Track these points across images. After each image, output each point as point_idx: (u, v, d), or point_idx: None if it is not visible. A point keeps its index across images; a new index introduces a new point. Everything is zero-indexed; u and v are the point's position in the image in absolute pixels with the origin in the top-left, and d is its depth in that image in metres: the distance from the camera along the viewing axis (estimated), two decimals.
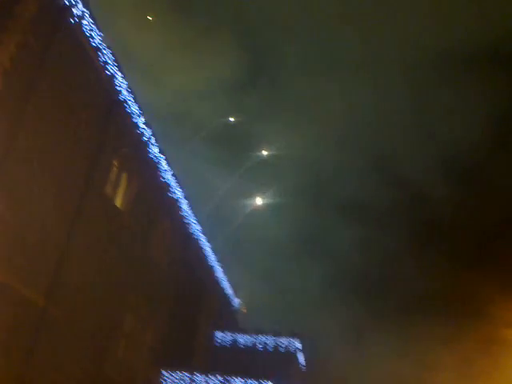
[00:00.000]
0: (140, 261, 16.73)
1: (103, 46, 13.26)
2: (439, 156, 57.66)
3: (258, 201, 38.11)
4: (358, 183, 55.01)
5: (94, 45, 12.91)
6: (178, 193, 18.57)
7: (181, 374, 17.34)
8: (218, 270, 24.21)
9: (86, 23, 12.50)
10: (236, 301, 27.95)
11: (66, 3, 11.86)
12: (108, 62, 13.54)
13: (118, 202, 15.41)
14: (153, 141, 16.21)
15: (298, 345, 24.44)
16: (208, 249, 22.40)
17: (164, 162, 17.13)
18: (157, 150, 16.51)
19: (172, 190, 18.18)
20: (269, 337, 24.32)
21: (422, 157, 56.27)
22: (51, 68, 11.76)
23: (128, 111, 14.82)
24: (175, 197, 18.51)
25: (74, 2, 12.01)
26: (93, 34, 12.80)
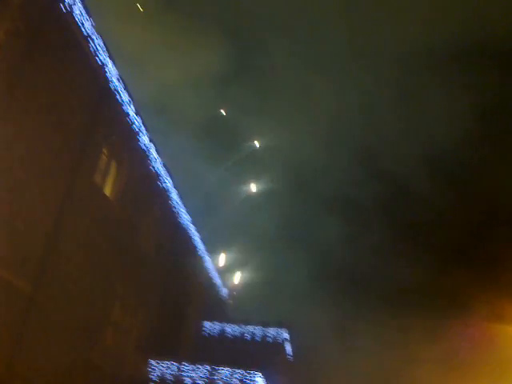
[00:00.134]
0: (129, 249, 16.75)
1: (94, 33, 13.18)
2: (425, 152, 58.12)
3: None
4: (344, 178, 55.28)
5: (84, 33, 12.82)
6: (168, 182, 18.57)
7: (168, 363, 17.41)
8: (207, 260, 24.28)
9: (77, 11, 12.41)
10: (224, 291, 28.08)
11: None
12: (99, 50, 13.47)
13: (107, 191, 15.39)
14: (143, 130, 16.18)
15: (286, 335, 24.61)
16: (197, 239, 22.45)
17: (154, 151, 17.11)
18: (147, 139, 16.49)
19: (162, 180, 18.17)
20: (257, 327, 24.46)
21: (408, 152, 56.65)
22: (41, 55, 11.68)
23: (118, 100, 14.76)
24: (165, 186, 18.51)
25: None
26: (84, 22, 12.71)
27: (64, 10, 12.02)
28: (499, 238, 46.42)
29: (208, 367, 17.24)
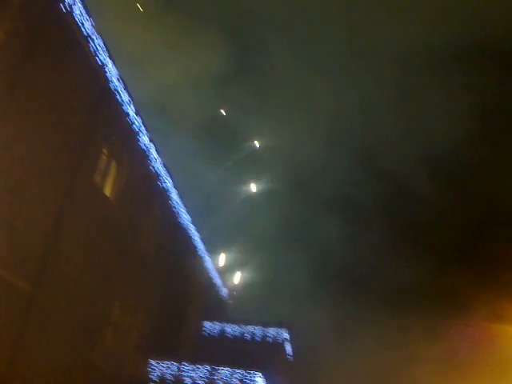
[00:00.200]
0: (128, 249, 16.75)
1: (94, 33, 13.18)
2: (425, 152, 58.09)
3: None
4: (344, 178, 55.28)
5: (84, 33, 12.82)
6: (168, 182, 18.57)
7: (168, 363, 17.41)
8: (207, 260, 24.28)
9: (77, 11, 12.42)
10: (224, 291, 28.08)
11: None
12: (99, 50, 13.47)
13: (107, 191, 15.39)
14: (143, 130, 16.19)
15: (286, 335, 24.60)
16: (197, 239, 22.45)
17: (154, 151, 17.11)
18: (147, 139, 16.49)
19: (162, 180, 18.18)
20: (257, 327, 24.45)
21: (408, 152, 56.63)
22: (41, 55, 11.68)
23: (118, 100, 14.76)
24: (165, 186, 18.51)
25: None
26: (84, 22, 12.71)
27: (64, 10, 12.02)
28: (499, 238, 46.43)
29: (208, 367, 17.24)
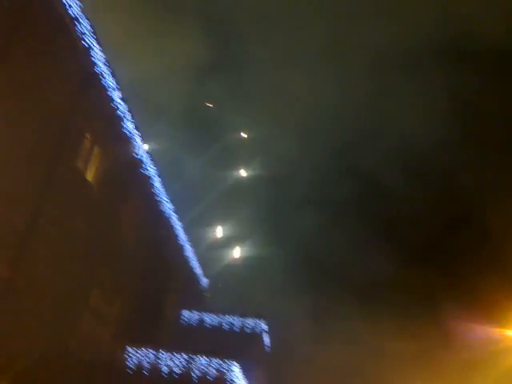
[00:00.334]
0: (109, 236, 16.65)
1: (81, 16, 12.98)
2: (399, 150, 58.44)
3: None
4: (318, 173, 55.28)
5: (71, 15, 12.62)
6: (151, 170, 18.45)
7: (146, 350, 17.35)
8: (188, 250, 24.22)
9: None
10: (204, 280, 28.08)
11: None
12: (85, 33, 13.27)
13: (89, 176, 15.24)
14: (128, 116, 16.02)
15: (264, 326, 24.70)
16: (179, 228, 22.37)
17: (138, 138, 16.96)
18: (131, 125, 16.33)
19: (145, 167, 18.04)
20: (235, 317, 24.50)
21: (383, 150, 56.90)
22: (26, 36, 11.50)
23: (104, 84, 14.58)
24: (148, 174, 18.38)
25: None
26: (71, 4, 12.52)
27: None
28: (472, 237, 47.06)
29: (185, 356, 17.22)
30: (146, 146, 17.67)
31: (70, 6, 12.46)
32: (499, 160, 52.72)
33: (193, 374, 16.89)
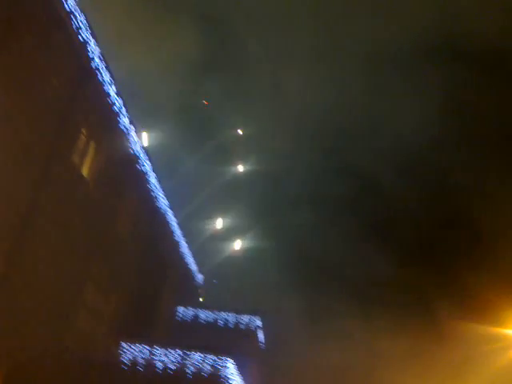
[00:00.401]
0: (104, 231, 16.60)
1: (77, 10, 12.91)
2: (393, 150, 58.53)
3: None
4: (313, 172, 55.24)
5: (67, 8, 12.55)
6: (147, 166, 18.39)
7: (140, 346, 17.33)
8: (183, 246, 24.20)
9: None
10: (199, 277, 28.06)
11: None
12: (81, 27, 13.20)
13: (84, 172, 15.18)
14: (123, 111, 15.96)
15: (259, 323, 24.72)
16: (174, 224, 22.33)
17: (134, 133, 16.91)
18: (127, 120, 16.27)
19: (141, 163, 17.99)
20: (230, 314, 24.50)
21: (377, 150, 57.01)
22: (21, 31, 11.42)
23: (100, 79, 14.51)
24: (144, 169, 18.32)
25: None
26: None
27: None
28: (468, 237, 47.24)
29: (180, 352, 17.21)
30: (141, 142, 17.61)
31: (66, 0, 12.39)
32: (494, 159, 53.05)
33: (187, 370, 16.88)
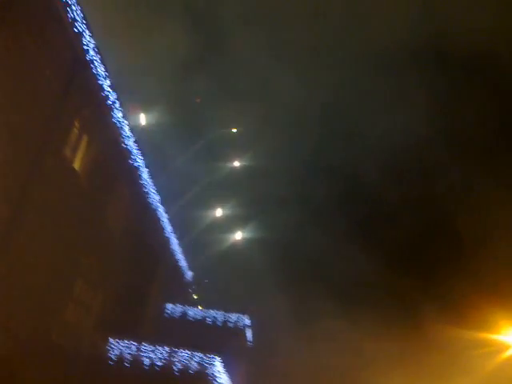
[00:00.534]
0: (95, 226, 16.49)
1: (73, 2, 12.79)
2: (380, 151, 58.84)
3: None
4: (300, 173, 55.38)
5: (63, 0, 12.43)
6: (139, 161, 18.30)
7: (128, 342, 17.29)
8: (174, 242, 24.13)
9: None
10: (189, 274, 28.00)
11: None
12: (77, 19, 13.08)
13: (76, 165, 15.06)
14: (117, 105, 15.85)
15: (247, 321, 24.72)
16: (165, 220, 22.26)
17: (127, 127, 16.81)
18: (120, 114, 16.17)
19: (133, 158, 17.89)
20: (219, 312, 24.49)
21: (364, 151, 57.21)
22: (16, 22, 11.30)
23: (94, 72, 14.39)
24: (136, 164, 18.23)
25: None
26: None
27: None
28: (456, 242, 47.48)
29: (167, 349, 17.18)
30: (134, 137, 17.52)
31: None
32: (480, 162, 53.40)
33: (174, 367, 16.86)
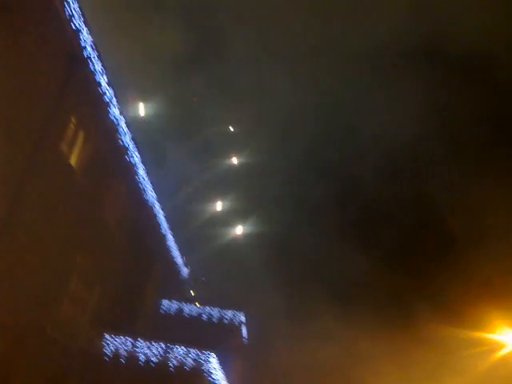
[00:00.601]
0: (91, 222, 16.51)
1: None
2: (375, 150, 58.79)
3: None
4: (294, 173, 55.27)
5: None
6: (136, 157, 18.30)
7: (123, 338, 17.32)
8: (170, 239, 24.15)
9: None
10: (185, 270, 28.03)
11: None
12: (74, 15, 13.08)
13: (72, 161, 15.07)
14: (114, 102, 15.86)
15: (243, 318, 24.78)
16: (161, 217, 22.27)
17: (124, 124, 16.81)
18: (117, 111, 16.17)
19: (130, 154, 17.89)
20: (214, 308, 24.55)
21: (358, 150, 57.12)
22: (13, 17, 11.30)
23: (91, 69, 14.40)
24: (132, 161, 18.23)
25: None
26: None
27: None
28: (450, 240, 47.55)
29: (163, 345, 17.22)
30: (131, 133, 17.52)
31: None
32: (473, 162, 53.48)
33: (170, 364, 16.90)
